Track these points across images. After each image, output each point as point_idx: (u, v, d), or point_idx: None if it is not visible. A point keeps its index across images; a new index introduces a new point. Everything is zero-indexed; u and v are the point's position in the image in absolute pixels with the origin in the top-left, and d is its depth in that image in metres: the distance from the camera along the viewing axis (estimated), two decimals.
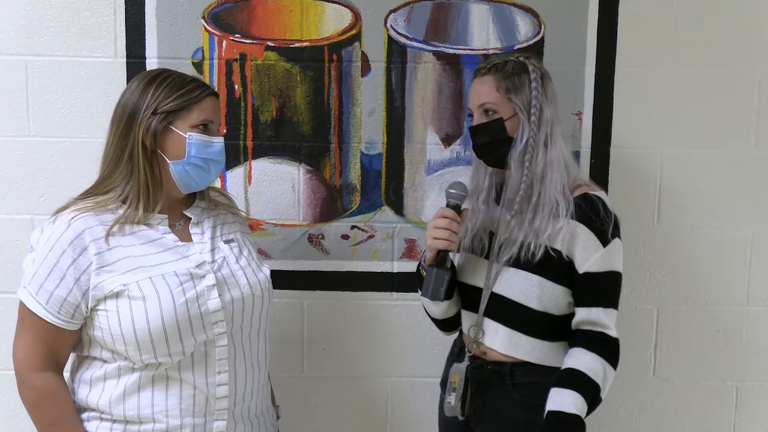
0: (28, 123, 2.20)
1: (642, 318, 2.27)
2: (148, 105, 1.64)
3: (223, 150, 1.72)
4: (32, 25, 2.17)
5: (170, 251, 1.66)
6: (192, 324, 1.61)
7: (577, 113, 2.20)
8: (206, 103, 1.68)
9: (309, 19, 2.18)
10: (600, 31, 2.17)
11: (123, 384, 1.62)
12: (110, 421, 1.64)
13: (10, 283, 2.24)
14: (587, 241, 1.79)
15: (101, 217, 1.63)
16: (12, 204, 2.22)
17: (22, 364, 1.63)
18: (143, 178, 1.64)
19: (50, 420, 1.63)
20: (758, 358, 2.31)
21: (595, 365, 1.76)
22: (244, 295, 1.70)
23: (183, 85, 1.67)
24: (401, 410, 2.32)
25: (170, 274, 1.62)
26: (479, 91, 1.85)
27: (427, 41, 2.19)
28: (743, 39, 2.20)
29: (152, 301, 1.58)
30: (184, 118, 1.66)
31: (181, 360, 1.62)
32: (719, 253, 2.26)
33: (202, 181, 1.72)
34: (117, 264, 1.60)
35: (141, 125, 1.63)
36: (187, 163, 1.67)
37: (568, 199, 1.80)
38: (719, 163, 2.23)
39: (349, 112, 2.21)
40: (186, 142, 1.65)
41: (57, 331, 1.60)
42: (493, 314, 1.86)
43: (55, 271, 1.58)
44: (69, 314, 1.59)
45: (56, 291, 1.58)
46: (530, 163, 1.81)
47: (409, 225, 2.26)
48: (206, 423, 1.65)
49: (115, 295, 1.58)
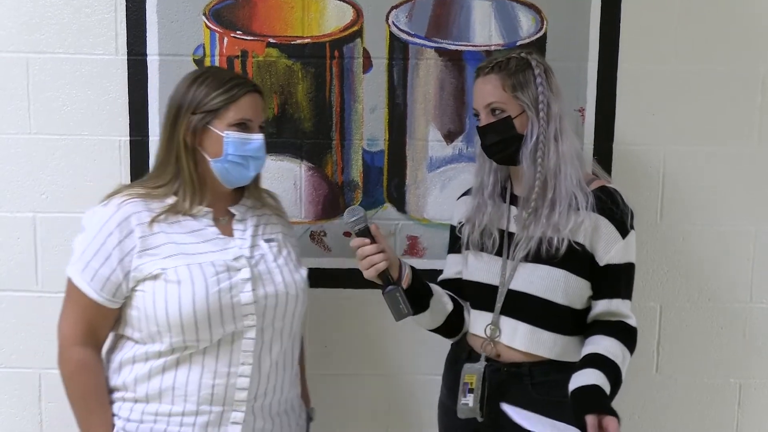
0: (29, 120, 2.20)
1: (645, 315, 2.26)
2: (189, 104, 1.72)
3: (262, 146, 1.77)
4: (33, 23, 2.16)
5: (210, 242, 1.74)
6: (222, 313, 1.67)
7: (580, 110, 2.19)
8: (245, 102, 1.74)
9: (310, 15, 2.17)
10: (602, 27, 2.16)
11: (149, 366, 1.70)
12: (132, 401, 1.72)
13: (12, 282, 2.25)
14: (609, 234, 1.80)
15: (149, 204, 1.72)
16: (13, 201, 2.22)
17: (64, 337, 1.73)
18: (188, 174, 1.73)
19: (82, 393, 1.72)
20: (761, 355, 2.30)
21: (614, 348, 1.77)
22: (278, 292, 1.75)
23: (222, 83, 1.73)
24: (403, 407, 2.32)
25: (207, 263, 1.69)
26: (484, 90, 1.84)
27: (429, 37, 2.18)
28: (746, 36, 2.19)
29: (186, 287, 1.65)
30: (222, 117, 1.72)
31: (206, 347, 1.68)
32: (722, 250, 2.26)
33: (241, 177, 1.78)
34: (159, 249, 1.68)
35: (183, 124, 1.72)
36: (225, 161, 1.73)
37: (585, 191, 1.81)
38: (722, 160, 2.23)
39: (351, 109, 2.21)
40: (223, 141, 1.72)
41: (99, 309, 1.69)
42: (511, 311, 1.85)
43: (101, 251, 1.67)
44: (111, 293, 1.68)
45: (101, 270, 1.67)
46: (542, 159, 1.81)
47: (411, 222, 2.25)
48: (223, 412, 1.70)
49: (153, 278, 1.67)
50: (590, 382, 1.70)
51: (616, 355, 1.76)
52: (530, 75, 1.82)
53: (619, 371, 1.76)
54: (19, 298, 2.25)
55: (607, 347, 1.77)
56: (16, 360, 2.27)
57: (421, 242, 2.25)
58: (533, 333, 1.83)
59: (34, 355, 2.27)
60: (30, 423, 2.31)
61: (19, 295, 2.25)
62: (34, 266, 2.24)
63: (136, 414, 1.70)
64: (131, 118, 2.19)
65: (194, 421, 1.69)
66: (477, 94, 1.87)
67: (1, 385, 2.29)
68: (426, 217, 2.24)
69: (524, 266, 1.83)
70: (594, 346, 1.78)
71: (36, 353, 2.27)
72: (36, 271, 2.24)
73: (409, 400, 2.31)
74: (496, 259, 1.89)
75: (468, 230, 1.93)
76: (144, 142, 2.19)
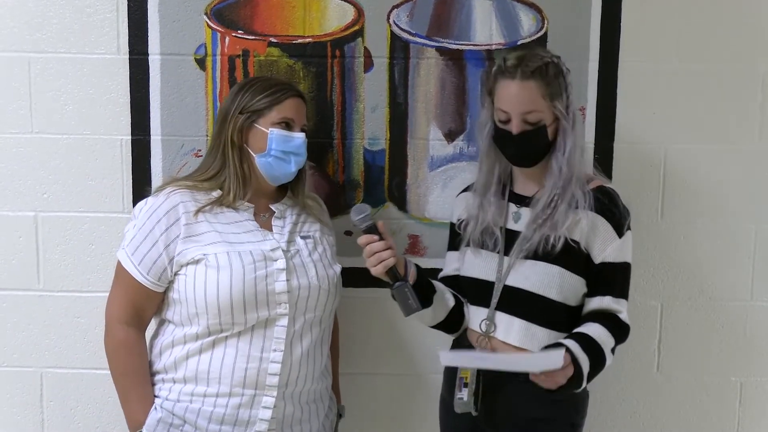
0: (30, 120, 2.20)
1: (645, 314, 2.26)
2: (237, 106, 1.87)
3: (303, 144, 1.90)
4: (35, 22, 2.17)
5: (250, 233, 1.86)
6: (257, 299, 1.78)
7: (581, 108, 2.19)
8: (287, 104, 1.88)
9: (312, 14, 2.17)
10: (603, 25, 2.16)
11: (187, 348, 1.82)
12: (171, 381, 1.84)
13: (14, 281, 2.25)
14: (606, 233, 1.82)
15: (195, 195, 1.85)
16: (15, 201, 2.22)
17: (111, 315, 1.85)
18: (233, 169, 1.86)
19: (123, 370, 1.85)
20: (762, 353, 2.30)
21: (600, 332, 1.80)
22: (311, 285, 1.86)
23: (268, 87, 1.88)
24: (404, 406, 2.32)
25: (246, 252, 1.81)
26: (523, 97, 1.80)
27: (430, 37, 2.18)
28: (747, 34, 2.19)
29: (225, 272, 1.77)
30: (267, 117, 1.86)
31: (241, 331, 1.79)
32: (723, 249, 2.26)
33: (283, 172, 1.89)
34: (202, 236, 1.81)
35: (231, 123, 1.86)
36: (269, 155, 1.86)
37: (585, 191, 1.83)
38: (723, 158, 2.23)
39: (352, 108, 2.21)
40: (267, 137, 1.86)
41: (144, 291, 1.82)
42: (507, 307, 1.87)
43: (150, 236, 1.81)
44: (156, 276, 1.81)
45: (149, 254, 1.80)
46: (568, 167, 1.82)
47: (413, 221, 2.25)
48: (255, 395, 1.80)
49: (195, 262, 1.80)
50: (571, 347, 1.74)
51: (601, 339, 1.79)
52: (563, 82, 1.83)
53: (600, 350, 1.78)
54: (21, 298, 2.25)
55: (593, 330, 1.80)
56: (17, 359, 2.28)
57: (422, 241, 2.25)
58: (528, 328, 1.85)
59: (35, 354, 2.27)
60: (31, 422, 2.31)
61: (21, 294, 2.25)
62: (35, 265, 2.24)
63: (174, 394, 1.82)
64: (133, 118, 2.19)
65: (227, 402, 1.79)
66: (513, 98, 1.80)
67: (3, 384, 2.30)
68: (427, 216, 2.25)
69: (520, 262, 1.85)
70: (583, 328, 1.82)
71: (38, 352, 2.27)
72: (38, 270, 2.24)
73: (411, 398, 2.31)
74: (493, 255, 1.91)
75: (470, 228, 1.94)
76: (145, 142, 2.19)
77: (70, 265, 2.24)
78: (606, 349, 1.79)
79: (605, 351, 1.79)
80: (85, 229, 2.23)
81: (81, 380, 2.28)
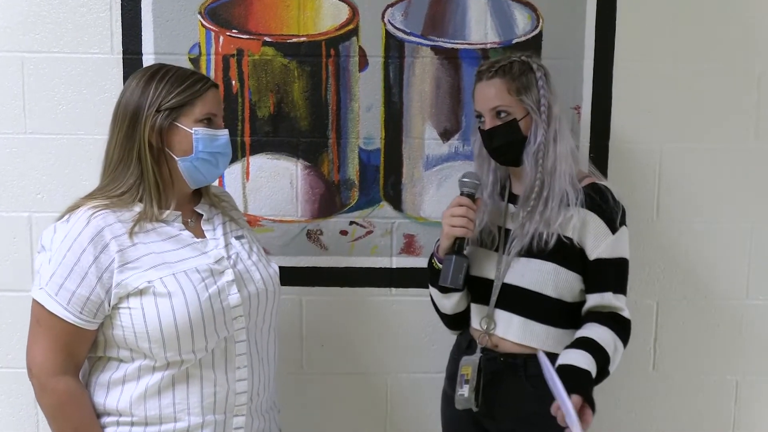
0: (24, 120, 2.19)
1: (641, 312, 2.26)
2: (150, 103, 1.62)
3: (228, 142, 1.71)
4: (28, 22, 2.16)
5: (189, 248, 1.66)
6: (215, 320, 1.60)
7: (576, 107, 2.19)
8: (208, 96, 1.67)
9: (306, 14, 2.17)
10: (598, 25, 2.16)
11: (144, 384, 1.60)
12: (129, 424, 1.61)
13: (8, 282, 2.24)
14: (598, 228, 1.84)
15: (118, 214, 1.61)
16: (8, 201, 2.21)
17: (41, 369, 1.57)
18: (153, 177, 1.63)
19: (73, 426, 1.59)
20: (758, 352, 2.31)
21: (606, 336, 1.80)
22: (258, 290, 1.71)
23: (184, 79, 1.65)
24: (400, 406, 2.32)
25: (192, 270, 1.61)
26: (488, 94, 1.86)
27: (425, 36, 2.18)
28: (742, 33, 2.19)
29: (178, 298, 1.57)
30: (188, 114, 1.64)
31: (202, 357, 1.61)
32: (718, 248, 2.26)
33: (211, 175, 1.72)
34: (140, 261, 1.58)
35: (146, 124, 1.61)
36: (195, 158, 1.66)
37: (577, 188, 1.86)
38: (718, 158, 2.23)
39: (347, 108, 2.21)
40: (192, 138, 1.64)
41: (77, 332, 1.56)
42: (506, 304, 1.89)
43: (75, 270, 1.54)
44: (91, 313, 1.56)
45: (78, 290, 1.54)
46: (543, 160, 1.85)
47: (408, 220, 2.25)
48: (226, 419, 1.65)
49: (139, 293, 1.57)
50: (582, 365, 1.72)
51: (607, 343, 1.79)
52: (532, 78, 1.86)
53: (608, 361, 1.78)
54: (15, 298, 2.24)
55: (600, 335, 1.79)
56: (12, 360, 2.27)
57: (418, 240, 2.25)
58: (526, 325, 1.87)
59: None
60: (27, 423, 2.30)
61: (16, 295, 2.24)
62: (30, 266, 2.23)
63: None
64: None
65: None
66: (481, 97, 1.89)
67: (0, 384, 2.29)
68: (422, 216, 2.24)
69: (517, 260, 1.87)
70: (587, 330, 1.81)
71: None
72: (32, 271, 2.23)
73: (407, 398, 2.31)
74: (492, 254, 1.94)
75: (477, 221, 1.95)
76: None
77: None
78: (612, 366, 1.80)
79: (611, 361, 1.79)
80: None
81: None
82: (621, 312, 1.85)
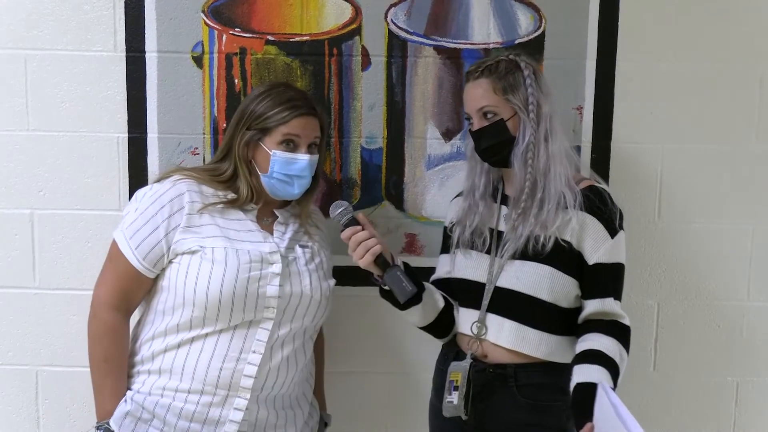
0: (27, 117, 2.19)
1: (642, 313, 2.26)
2: (248, 117, 1.83)
3: (308, 166, 1.84)
4: (31, 19, 2.16)
5: (251, 233, 1.83)
6: (246, 300, 1.75)
7: (578, 108, 2.20)
8: (295, 123, 1.81)
9: (309, 13, 2.17)
10: (601, 25, 2.16)
11: (166, 342, 1.79)
12: (146, 372, 1.81)
13: (10, 279, 2.24)
14: (597, 232, 1.81)
15: (203, 187, 1.83)
16: (11, 198, 2.21)
17: (98, 298, 1.81)
18: (245, 181, 1.84)
19: (104, 355, 1.80)
20: (759, 353, 2.30)
21: (614, 348, 1.77)
22: (303, 293, 1.83)
23: (280, 103, 1.82)
24: (401, 405, 2.32)
25: (244, 251, 1.78)
26: (475, 95, 1.85)
27: (428, 35, 2.18)
28: (745, 34, 2.19)
29: (219, 267, 1.74)
30: (272, 136, 1.82)
31: (223, 329, 1.76)
32: (720, 248, 2.26)
33: (286, 194, 1.87)
34: (202, 228, 1.79)
35: (239, 135, 1.84)
36: (271, 177, 1.83)
37: (574, 190, 1.82)
38: (720, 159, 2.23)
39: (350, 107, 2.21)
40: (270, 159, 1.82)
41: (137, 276, 1.79)
42: (498, 309, 1.85)
43: (151, 221, 1.77)
44: (152, 262, 1.78)
45: (147, 239, 1.77)
46: (533, 161, 1.82)
47: (410, 220, 2.25)
48: (228, 396, 1.77)
49: (191, 253, 1.77)
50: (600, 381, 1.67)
51: (615, 355, 1.76)
52: (520, 77, 1.83)
53: (618, 373, 1.76)
54: (17, 295, 2.25)
55: (607, 346, 1.77)
56: (13, 357, 2.27)
57: (420, 240, 2.25)
58: (519, 330, 1.83)
59: (31, 352, 2.27)
60: (27, 420, 2.30)
61: (17, 292, 2.24)
62: (31, 263, 2.23)
63: (147, 387, 1.79)
64: (129, 115, 2.18)
65: (198, 400, 1.76)
66: (468, 98, 1.88)
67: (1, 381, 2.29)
68: (424, 215, 2.24)
69: (511, 263, 1.84)
70: (592, 342, 1.78)
71: (33, 350, 2.27)
72: (33, 268, 2.24)
73: (407, 397, 2.31)
74: (484, 256, 1.90)
75: (458, 231, 1.94)
76: (142, 139, 2.19)
77: (66, 262, 2.23)
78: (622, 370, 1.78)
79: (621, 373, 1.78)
80: (81, 227, 2.22)
81: (76, 378, 2.26)
82: (622, 320, 1.82)
